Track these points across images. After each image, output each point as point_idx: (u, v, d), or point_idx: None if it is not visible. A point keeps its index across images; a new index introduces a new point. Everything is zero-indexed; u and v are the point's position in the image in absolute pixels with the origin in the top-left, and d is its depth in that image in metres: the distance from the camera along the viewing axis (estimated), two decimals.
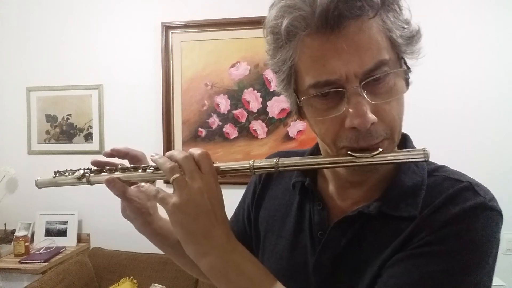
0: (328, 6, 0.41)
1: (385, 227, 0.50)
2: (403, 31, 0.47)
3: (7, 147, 2.31)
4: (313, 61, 0.45)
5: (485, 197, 0.47)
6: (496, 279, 1.76)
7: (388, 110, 0.46)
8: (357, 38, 0.43)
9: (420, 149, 0.46)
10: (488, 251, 0.46)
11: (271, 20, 0.47)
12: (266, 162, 0.50)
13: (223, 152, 2.07)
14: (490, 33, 1.84)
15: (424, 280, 0.44)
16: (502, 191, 1.90)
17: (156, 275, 1.93)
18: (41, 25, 2.25)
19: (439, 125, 1.89)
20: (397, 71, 0.47)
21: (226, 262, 0.47)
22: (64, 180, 0.60)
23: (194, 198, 0.47)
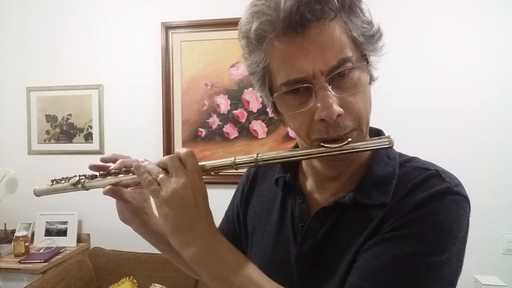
0: (290, 10, 0.46)
1: (360, 215, 0.54)
2: (364, 31, 0.50)
3: (7, 147, 2.31)
4: (283, 61, 0.49)
5: (450, 183, 0.51)
6: (496, 279, 1.76)
7: (354, 103, 0.50)
8: (320, 39, 0.47)
9: (385, 137, 0.50)
10: (454, 233, 0.48)
11: (243, 25, 0.52)
12: (247, 158, 0.54)
13: (223, 152, 2.07)
14: (492, 33, 1.84)
15: (395, 262, 0.47)
16: (503, 191, 1.92)
17: (156, 275, 1.92)
18: (41, 25, 2.26)
19: (441, 125, 1.89)
20: (359, 65, 0.50)
21: (208, 251, 0.50)
22: (60, 187, 0.63)
23: (179, 193, 0.50)
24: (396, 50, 1.92)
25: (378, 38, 0.53)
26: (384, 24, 1.75)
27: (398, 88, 1.92)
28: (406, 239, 0.48)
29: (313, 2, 0.46)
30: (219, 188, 1.99)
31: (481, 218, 1.84)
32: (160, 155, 2.10)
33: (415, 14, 1.91)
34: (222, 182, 1.99)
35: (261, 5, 0.49)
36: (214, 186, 2.01)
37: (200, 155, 2.08)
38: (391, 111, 1.92)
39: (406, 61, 1.91)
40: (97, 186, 0.61)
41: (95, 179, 0.60)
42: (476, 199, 2.01)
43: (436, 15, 1.89)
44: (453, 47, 1.87)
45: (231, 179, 1.93)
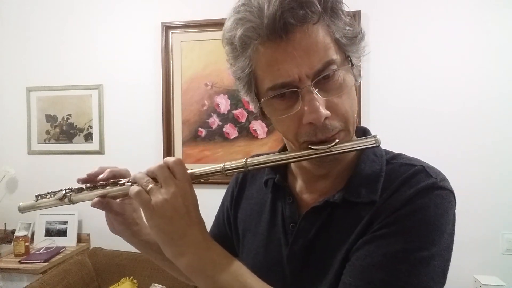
0: (274, 16, 0.46)
1: (349, 213, 0.55)
2: (347, 33, 0.51)
3: (7, 147, 2.31)
4: (268, 66, 0.50)
5: (436, 178, 0.52)
6: (496, 279, 1.76)
7: (341, 104, 0.50)
8: (305, 43, 0.48)
9: (371, 137, 0.51)
10: (442, 226, 0.49)
11: (227, 32, 0.52)
12: (236, 163, 0.54)
13: (223, 152, 2.07)
14: (490, 34, 1.84)
15: (387, 259, 0.48)
16: (503, 191, 1.92)
17: (156, 275, 1.92)
18: (41, 25, 2.26)
19: (439, 125, 1.88)
20: (344, 68, 0.51)
21: (202, 259, 0.50)
22: (46, 203, 0.61)
23: (169, 202, 0.49)
24: (394, 50, 1.92)
25: (361, 39, 0.53)
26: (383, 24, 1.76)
27: (396, 88, 1.92)
28: (396, 236, 0.49)
29: (296, 7, 0.46)
30: (219, 188, 1.99)
31: (481, 218, 1.84)
32: (160, 155, 2.10)
33: (413, 14, 1.90)
34: (222, 182, 2.00)
35: (244, 12, 0.49)
36: (214, 186, 2.02)
37: (200, 155, 2.08)
38: (390, 112, 1.92)
39: (404, 62, 1.91)
40: (85, 199, 0.59)
41: (81, 192, 0.59)
42: (476, 199, 2.01)
43: (434, 15, 1.88)
44: (451, 47, 1.87)
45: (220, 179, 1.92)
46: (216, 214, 0.82)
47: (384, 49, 1.93)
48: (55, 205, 0.60)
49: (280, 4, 0.46)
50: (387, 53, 1.93)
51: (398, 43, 1.92)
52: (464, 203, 1.85)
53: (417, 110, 1.90)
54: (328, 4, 0.48)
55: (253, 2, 0.48)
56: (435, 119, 1.89)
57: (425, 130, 1.90)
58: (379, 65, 1.93)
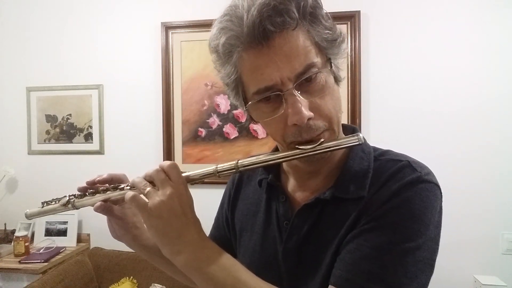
0: (253, 25, 0.49)
1: (339, 209, 0.57)
2: (327, 36, 0.53)
3: (7, 147, 2.31)
4: (252, 72, 0.52)
5: (420, 172, 0.54)
6: (496, 279, 1.76)
7: (324, 105, 0.53)
8: (285, 48, 0.50)
9: (355, 135, 0.52)
10: (428, 218, 0.51)
11: (211, 40, 0.56)
12: (228, 165, 0.56)
13: (223, 152, 2.07)
14: (490, 34, 1.84)
15: (374, 251, 0.50)
16: (503, 191, 1.92)
17: (156, 275, 1.92)
18: (41, 25, 2.26)
19: (439, 126, 1.88)
20: (326, 70, 0.53)
21: (198, 257, 0.52)
22: (51, 209, 0.64)
23: (166, 203, 0.51)
24: (394, 50, 1.92)
25: (341, 42, 0.55)
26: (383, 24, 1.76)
27: (396, 88, 1.92)
28: (383, 229, 0.51)
29: (273, 15, 0.48)
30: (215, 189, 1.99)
31: (481, 218, 1.84)
32: (160, 155, 2.10)
33: (413, 14, 1.90)
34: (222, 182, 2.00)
35: (226, 22, 0.52)
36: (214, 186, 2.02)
37: (200, 155, 2.08)
38: (390, 112, 1.92)
39: (404, 62, 1.91)
40: (87, 204, 0.62)
41: (84, 198, 0.62)
42: (476, 199, 2.01)
43: (434, 15, 1.88)
44: (450, 47, 1.87)
45: (223, 179, 1.93)
46: (215, 216, 0.83)
47: (384, 49, 1.93)
48: (59, 211, 0.64)
49: (259, 13, 0.48)
50: (387, 53, 1.93)
51: (398, 43, 1.92)
52: (464, 203, 1.88)
53: (417, 110, 1.90)
54: (307, 10, 0.51)
55: (234, 12, 0.51)
56: (435, 119, 1.89)
57: (425, 130, 1.90)
58: (379, 65, 1.93)
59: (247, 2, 0.50)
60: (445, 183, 0.63)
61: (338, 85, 0.57)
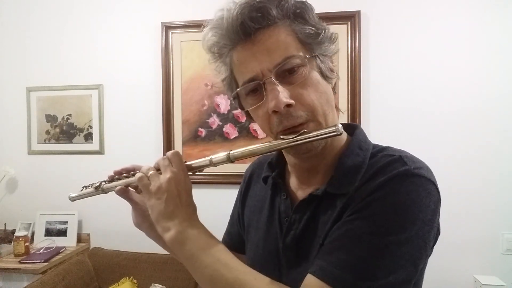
0: (233, 21, 0.53)
1: (330, 204, 0.58)
2: (310, 33, 0.55)
3: (7, 147, 2.31)
4: (239, 67, 0.57)
5: (410, 166, 0.53)
6: (496, 279, 1.76)
7: (306, 95, 0.54)
8: (267, 43, 0.54)
9: (333, 126, 0.53)
10: (414, 213, 0.50)
11: (204, 41, 0.60)
12: (221, 156, 0.61)
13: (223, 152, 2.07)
14: (490, 34, 1.84)
15: (353, 242, 0.50)
16: (503, 191, 1.92)
17: (156, 275, 1.92)
18: (41, 25, 2.26)
19: (439, 126, 1.88)
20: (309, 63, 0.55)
21: (184, 235, 0.56)
22: (88, 192, 0.72)
23: (164, 186, 0.58)
24: (394, 50, 1.92)
25: (326, 38, 0.57)
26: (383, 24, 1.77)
27: (396, 88, 1.92)
28: (363, 220, 0.50)
29: (252, 11, 0.52)
30: (219, 188, 1.99)
31: (481, 218, 1.84)
32: (160, 155, 2.06)
33: (413, 14, 1.90)
34: (223, 182, 2.00)
35: (214, 22, 0.57)
36: (215, 186, 2.02)
37: (200, 155, 2.07)
38: (390, 112, 1.92)
39: (404, 62, 1.91)
40: (112, 188, 0.68)
41: (111, 183, 0.69)
42: (476, 199, 2.01)
43: (434, 15, 1.88)
44: (450, 47, 1.87)
45: (230, 179, 1.93)
46: (231, 213, 0.86)
47: (384, 49, 1.93)
48: (94, 194, 0.72)
49: (240, 10, 0.52)
50: (387, 53, 1.93)
51: (398, 43, 1.92)
52: (464, 203, 1.88)
53: (417, 110, 1.90)
54: (290, 8, 0.54)
55: (219, 14, 0.56)
56: (435, 119, 1.89)
57: (425, 130, 1.90)
58: (379, 65, 1.93)
59: (232, 3, 0.54)
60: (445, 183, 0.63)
61: (327, 82, 0.58)
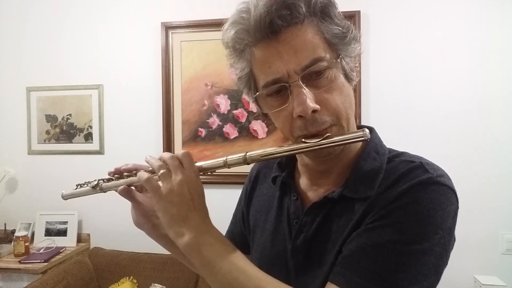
0: (260, 18, 0.50)
1: (347, 208, 0.57)
2: (337, 33, 0.53)
3: (7, 147, 2.31)
4: (262, 65, 0.54)
5: (433, 174, 0.52)
6: (496, 279, 1.76)
7: (331, 99, 0.53)
8: (293, 42, 0.51)
9: (360, 131, 0.52)
10: (436, 222, 0.49)
11: (224, 36, 0.57)
12: (236, 157, 0.58)
13: (223, 152, 2.07)
14: (490, 34, 1.84)
15: (375, 250, 0.49)
16: (503, 191, 1.92)
17: (156, 275, 1.92)
18: (41, 25, 2.25)
19: (439, 125, 1.88)
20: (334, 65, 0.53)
21: (199, 241, 0.54)
22: (83, 191, 0.68)
23: (176, 188, 0.55)
24: (394, 50, 1.92)
25: (351, 40, 0.55)
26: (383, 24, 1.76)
27: (396, 88, 1.92)
28: (386, 228, 0.49)
29: (281, 8, 0.50)
30: (221, 188, 1.99)
31: (481, 218, 1.84)
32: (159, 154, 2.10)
33: (413, 14, 1.90)
34: (224, 182, 2.00)
35: (236, 16, 0.54)
36: (217, 186, 2.02)
37: (200, 155, 2.08)
38: (390, 112, 1.92)
39: (404, 62, 1.91)
40: (112, 188, 0.65)
41: (110, 182, 0.66)
42: (476, 199, 2.01)
43: (434, 15, 1.88)
44: (451, 47, 1.87)
45: (234, 179, 1.93)
46: (233, 212, 0.85)
47: (384, 49, 1.92)
48: (90, 193, 0.67)
49: (266, 7, 0.49)
50: (387, 53, 1.93)
51: (397, 43, 1.92)
52: (464, 203, 1.85)
53: (416, 110, 1.90)
54: (317, 6, 0.52)
55: (244, 8, 0.53)
56: (435, 119, 1.89)
57: (425, 130, 1.90)
58: (379, 65, 1.93)
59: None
60: None
61: (350, 84, 0.57)
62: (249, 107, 2.05)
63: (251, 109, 2.04)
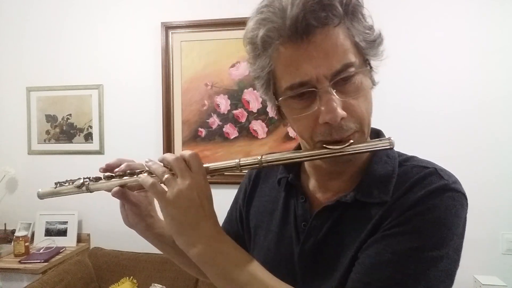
0: (297, 18, 0.47)
1: (361, 213, 0.55)
2: (366, 36, 0.52)
3: (7, 147, 2.31)
4: (287, 66, 0.51)
5: (448, 180, 0.52)
6: (496, 279, 1.76)
7: (357, 106, 0.51)
8: (325, 45, 0.49)
9: (386, 139, 0.52)
10: (453, 228, 0.50)
11: (249, 31, 0.53)
12: (251, 159, 0.55)
13: (223, 152, 2.07)
14: (490, 35, 1.84)
15: (395, 257, 0.48)
16: (503, 191, 1.92)
17: (156, 275, 1.92)
18: (41, 25, 2.25)
19: (439, 126, 1.88)
20: (363, 70, 0.52)
21: (213, 250, 0.52)
22: (65, 190, 0.63)
23: (184, 194, 0.51)
24: (394, 50, 1.92)
25: (380, 43, 0.54)
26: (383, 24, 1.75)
27: (396, 88, 1.91)
28: (406, 235, 0.49)
29: (318, 9, 0.47)
30: (221, 188, 1.99)
31: (481, 218, 1.84)
32: (160, 155, 2.09)
33: (413, 14, 1.90)
34: (225, 182, 2.00)
35: (268, 12, 0.50)
36: (216, 186, 2.02)
37: (200, 155, 2.06)
38: (389, 112, 1.92)
39: (404, 62, 1.91)
40: (102, 188, 0.61)
41: (99, 182, 0.60)
42: (476, 199, 2.01)
43: (434, 15, 1.88)
44: (451, 47, 1.87)
45: (232, 179, 1.93)
46: (228, 211, 0.82)
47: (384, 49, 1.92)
48: (73, 193, 0.62)
49: (303, 6, 0.47)
50: (387, 53, 1.92)
51: (397, 43, 1.91)
52: None
53: (417, 110, 1.90)
54: (350, 8, 0.50)
55: (276, 4, 0.49)
56: (435, 119, 1.89)
57: (425, 130, 1.90)
58: (379, 65, 1.92)
59: None
60: None
61: (373, 88, 0.56)
62: (249, 107, 2.05)
63: (251, 109, 2.05)
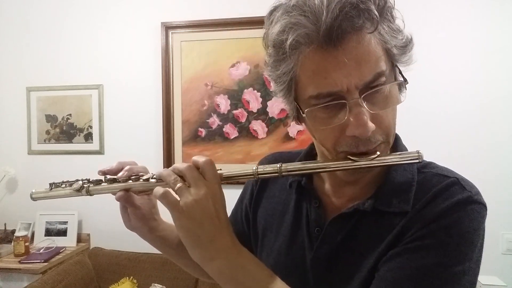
0: (332, 25, 0.43)
1: (379, 222, 0.53)
2: (397, 41, 0.49)
3: (7, 147, 2.31)
4: (315, 73, 0.47)
5: (471, 192, 0.51)
6: (496, 279, 1.76)
7: (385, 117, 0.49)
8: (356, 52, 0.45)
9: (414, 152, 0.50)
10: (475, 241, 0.49)
11: (275, 34, 0.48)
12: (270, 168, 0.53)
13: (223, 152, 2.07)
14: (492, 35, 1.84)
15: (419, 272, 0.47)
16: (503, 191, 1.91)
17: (156, 275, 1.92)
18: (41, 25, 2.25)
19: (439, 126, 1.89)
20: (394, 83, 0.50)
21: (233, 266, 0.50)
22: (61, 192, 0.59)
23: (199, 204, 0.48)
24: None
25: (410, 48, 0.51)
26: None
27: None
28: (430, 250, 0.48)
29: (355, 15, 0.44)
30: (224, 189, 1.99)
31: None
32: (160, 155, 2.10)
33: (413, 14, 1.90)
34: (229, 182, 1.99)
35: (299, 16, 0.45)
36: None
37: None
38: None
39: None
40: (104, 192, 0.58)
41: (101, 185, 0.57)
42: None
43: (434, 15, 1.88)
44: (450, 47, 1.87)
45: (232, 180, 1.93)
46: (232, 210, 0.80)
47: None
48: (70, 196, 0.58)
49: (340, 11, 0.43)
50: None
51: None
52: None
53: (416, 110, 1.90)
54: (384, 10, 0.47)
55: (308, 6, 0.45)
56: (436, 119, 1.89)
57: (426, 131, 1.89)
58: None
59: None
60: None
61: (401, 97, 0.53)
62: (249, 107, 2.05)
63: (251, 109, 2.05)
